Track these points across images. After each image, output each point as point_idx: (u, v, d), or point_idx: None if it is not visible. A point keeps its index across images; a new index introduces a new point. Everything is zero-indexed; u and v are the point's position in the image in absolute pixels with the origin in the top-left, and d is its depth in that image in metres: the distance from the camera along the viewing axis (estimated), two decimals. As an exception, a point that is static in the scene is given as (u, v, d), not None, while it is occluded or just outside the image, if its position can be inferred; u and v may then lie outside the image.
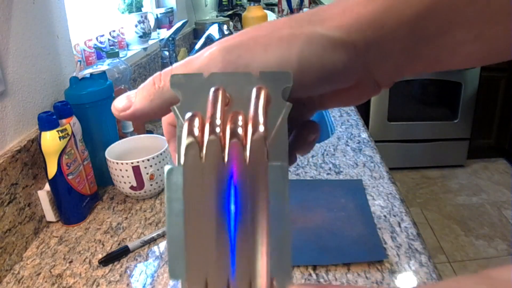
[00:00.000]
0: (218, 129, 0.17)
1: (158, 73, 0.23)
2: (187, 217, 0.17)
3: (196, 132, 0.17)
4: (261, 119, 0.18)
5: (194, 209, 0.17)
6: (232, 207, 0.17)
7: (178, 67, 0.22)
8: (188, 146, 0.17)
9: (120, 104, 0.24)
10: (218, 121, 0.18)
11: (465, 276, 0.16)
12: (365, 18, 0.21)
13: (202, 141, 0.17)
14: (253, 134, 0.17)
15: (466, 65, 0.24)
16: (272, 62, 0.21)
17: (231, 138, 0.17)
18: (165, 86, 0.22)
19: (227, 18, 2.37)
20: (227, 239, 0.17)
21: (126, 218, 0.80)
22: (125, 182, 0.82)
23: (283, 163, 0.18)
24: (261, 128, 0.17)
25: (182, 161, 0.17)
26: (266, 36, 0.21)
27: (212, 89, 0.19)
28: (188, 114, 0.18)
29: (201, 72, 0.20)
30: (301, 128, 0.26)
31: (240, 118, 0.18)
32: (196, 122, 0.18)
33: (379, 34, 0.22)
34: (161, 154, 0.83)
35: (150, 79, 0.23)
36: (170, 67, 0.22)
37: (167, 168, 0.18)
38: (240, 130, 0.17)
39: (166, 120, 0.25)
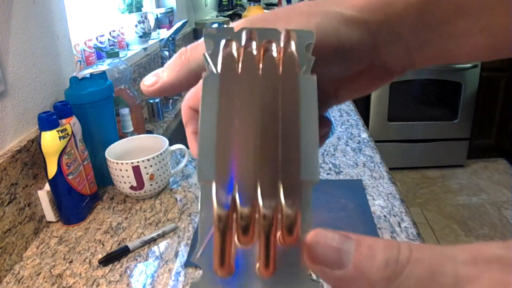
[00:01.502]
0: (254, 47, 0.18)
1: (184, 47, 0.24)
2: (220, 120, 0.17)
3: (234, 48, 0.18)
4: (292, 46, 0.19)
5: (228, 113, 0.17)
6: (266, 113, 0.17)
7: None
8: (225, 56, 0.18)
9: (149, 81, 0.25)
10: (253, 42, 0.19)
11: (493, 242, 0.16)
12: (376, 0, 0.23)
13: (239, 55, 0.18)
14: (285, 51, 0.18)
15: (473, 59, 0.25)
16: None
17: (265, 53, 0.18)
18: (191, 57, 0.23)
19: (227, 18, 2.37)
20: (258, 143, 0.17)
21: (126, 218, 0.80)
22: (125, 182, 0.82)
23: (314, 76, 0.18)
24: (292, 48, 0.18)
25: (219, 68, 0.18)
26: (287, 12, 0.24)
27: (244, 30, 0.20)
28: (224, 40, 0.19)
29: (231, 26, 0.21)
30: None
31: (274, 44, 0.19)
32: (233, 44, 0.19)
33: (388, 16, 0.23)
34: (161, 154, 0.83)
35: (177, 54, 0.24)
36: (196, 41, 0.24)
37: (205, 74, 0.18)
38: (274, 47, 0.18)
39: (186, 103, 0.26)
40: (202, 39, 0.23)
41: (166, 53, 1.43)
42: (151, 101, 1.28)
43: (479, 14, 0.23)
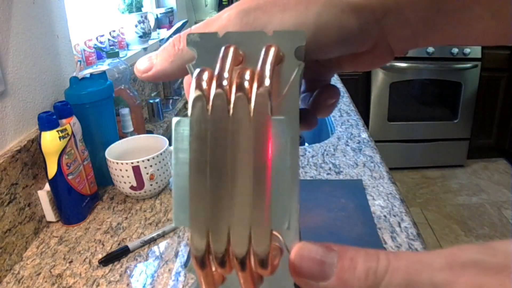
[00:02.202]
0: (225, 83, 0.18)
1: (178, 34, 0.23)
2: (192, 167, 0.17)
3: (204, 86, 0.18)
4: (267, 73, 0.18)
5: (199, 160, 0.18)
6: (236, 158, 0.17)
7: (197, 28, 0.23)
8: (195, 99, 0.18)
9: (142, 65, 0.24)
10: (225, 75, 0.18)
11: (469, 245, 0.17)
12: None
13: (209, 94, 0.18)
14: (258, 88, 0.18)
15: (480, 42, 0.25)
16: (289, 24, 0.21)
17: (236, 91, 0.18)
18: (184, 48, 0.22)
19: (227, 18, 2.36)
20: (229, 190, 0.17)
21: (126, 218, 0.80)
22: (125, 182, 0.82)
23: (288, 117, 0.18)
24: (267, 82, 0.18)
25: (189, 113, 0.18)
26: None
27: (224, 47, 0.19)
28: (197, 70, 0.18)
29: (215, 32, 0.20)
30: (321, 91, 0.27)
31: (248, 73, 0.18)
32: (205, 76, 0.18)
33: (397, 2, 0.22)
34: (161, 154, 0.83)
35: (170, 41, 0.23)
36: (189, 28, 0.23)
37: (175, 120, 0.18)
38: (246, 84, 0.18)
39: (188, 81, 0.26)
40: (195, 26, 0.23)
41: (166, 53, 1.43)
42: (151, 101, 1.28)
43: (492, 0, 0.22)
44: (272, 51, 0.19)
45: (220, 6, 3.13)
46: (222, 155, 0.17)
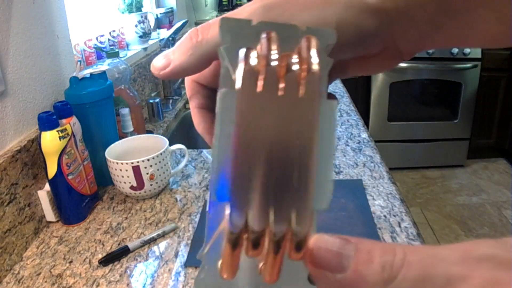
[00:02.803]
0: (274, 63, 0.17)
1: (194, 28, 0.23)
2: (236, 141, 0.17)
3: (253, 62, 0.17)
4: (315, 58, 0.18)
5: (244, 134, 0.17)
6: (283, 137, 0.17)
7: (217, 22, 0.22)
8: (245, 72, 0.17)
9: (159, 63, 0.23)
10: (275, 55, 0.18)
11: (484, 240, 0.17)
12: None
13: (259, 70, 0.17)
14: (308, 71, 0.17)
15: (485, 45, 0.25)
16: (312, 21, 0.21)
17: (286, 71, 0.17)
18: (203, 40, 0.22)
19: (227, 18, 2.36)
20: (273, 167, 0.17)
21: (126, 218, 0.80)
22: (125, 182, 0.82)
23: (335, 101, 0.18)
24: (316, 67, 0.17)
25: (237, 85, 0.17)
26: None
27: (265, 32, 0.19)
28: (244, 49, 0.18)
29: (250, 19, 0.20)
30: None
31: (295, 57, 0.18)
32: (254, 54, 0.18)
33: (409, 5, 0.23)
34: (161, 154, 0.83)
35: (186, 35, 0.23)
36: (207, 22, 0.23)
37: (222, 90, 0.18)
38: (296, 67, 0.17)
39: (190, 77, 0.26)
40: (212, 20, 0.22)
41: (166, 53, 1.43)
42: (151, 101, 1.28)
43: (497, 3, 0.23)
44: (314, 40, 0.19)
45: (220, 6, 3.13)
46: (268, 132, 0.17)
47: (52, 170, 0.74)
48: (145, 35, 1.46)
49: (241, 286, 0.19)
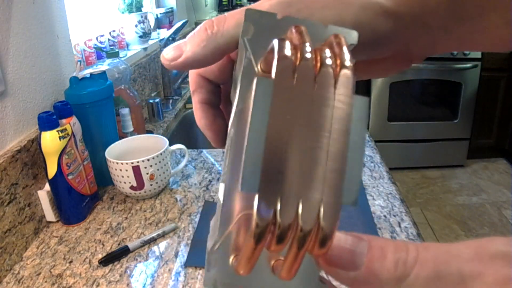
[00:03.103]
0: (308, 55, 0.17)
1: (209, 19, 0.22)
2: (269, 131, 0.17)
3: (289, 53, 0.17)
4: (347, 55, 0.18)
5: (277, 125, 0.17)
6: (316, 131, 0.17)
7: (233, 14, 0.22)
8: (282, 60, 0.17)
9: (170, 54, 0.23)
10: (308, 48, 0.17)
11: (497, 237, 0.17)
12: None
13: (294, 62, 0.17)
14: (341, 66, 0.17)
15: (494, 48, 0.26)
16: (329, 20, 0.21)
17: (321, 66, 0.17)
18: (218, 32, 0.21)
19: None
20: (305, 161, 0.17)
21: (126, 218, 0.80)
22: (125, 182, 0.82)
23: (366, 97, 0.18)
24: (349, 63, 0.17)
25: (273, 75, 0.17)
26: None
27: (294, 25, 0.18)
28: (277, 40, 0.18)
29: (275, 13, 0.20)
30: None
31: (328, 51, 0.18)
32: (288, 44, 0.17)
33: (424, 10, 0.23)
34: (161, 154, 0.83)
35: (201, 26, 0.22)
36: (224, 14, 0.22)
37: (257, 79, 0.17)
38: (330, 61, 0.17)
39: (195, 70, 0.25)
40: (229, 13, 0.22)
41: (166, 53, 1.43)
42: (151, 101, 1.28)
43: (507, 8, 0.23)
44: (343, 38, 0.18)
45: (220, 6, 3.13)
46: (302, 125, 0.17)
47: (52, 170, 0.74)
48: (145, 35, 1.46)
49: (254, 283, 0.18)
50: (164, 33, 1.70)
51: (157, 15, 1.82)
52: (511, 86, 2.61)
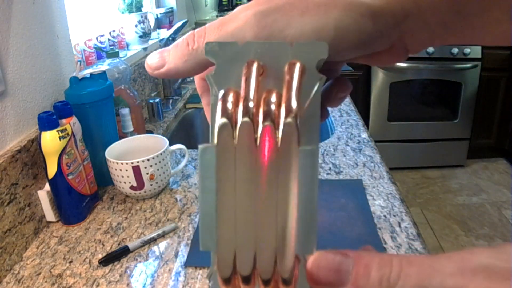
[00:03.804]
0: (251, 105, 0.18)
1: (191, 32, 0.22)
2: (219, 195, 0.18)
3: (230, 109, 0.18)
4: (294, 97, 0.18)
5: (225, 188, 0.18)
6: (263, 188, 0.18)
7: (211, 29, 0.22)
8: (221, 127, 0.18)
9: (154, 61, 0.23)
10: (251, 102, 0.18)
11: (481, 248, 0.17)
12: None
13: (236, 121, 0.18)
14: (285, 117, 0.17)
15: (495, 43, 0.25)
16: (309, 28, 0.20)
17: (263, 120, 0.18)
18: (198, 48, 0.22)
19: (227, 18, 2.36)
20: (256, 217, 0.18)
21: (126, 218, 0.80)
22: (125, 182, 0.82)
23: (314, 146, 0.18)
24: (294, 106, 0.18)
25: (215, 141, 0.18)
26: (303, 1, 0.21)
27: (246, 64, 0.19)
28: (221, 92, 0.18)
29: (235, 41, 0.20)
30: (334, 84, 0.26)
31: (274, 97, 0.18)
32: (230, 98, 0.18)
33: (418, 5, 0.22)
34: (161, 154, 0.83)
35: (183, 38, 0.22)
36: (203, 27, 0.22)
37: (201, 147, 0.18)
38: (273, 109, 0.18)
39: (199, 75, 0.26)
40: (208, 25, 0.22)
41: (166, 53, 1.43)
42: (151, 101, 1.28)
43: (510, 3, 0.23)
44: (297, 68, 0.18)
45: (220, 6, 3.13)
46: (249, 183, 0.18)
47: (52, 170, 0.74)
48: (145, 35, 1.46)
49: None
50: (164, 33, 1.70)
51: (157, 15, 1.82)
52: (511, 86, 2.61)
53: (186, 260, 0.67)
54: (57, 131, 0.72)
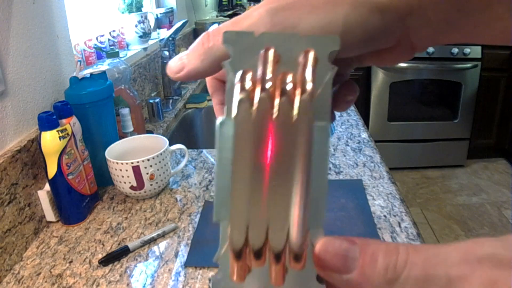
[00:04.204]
0: (268, 85, 0.18)
1: (206, 32, 0.23)
2: (235, 166, 0.18)
3: (248, 86, 0.18)
4: (309, 77, 0.18)
5: (242, 159, 0.18)
6: (279, 161, 0.18)
7: (226, 27, 0.23)
8: (240, 101, 0.18)
9: (174, 66, 0.24)
10: (268, 78, 0.19)
11: (486, 238, 0.17)
12: None
13: (253, 97, 0.18)
14: (301, 93, 0.18)
15: (498, 41, 0.25)
16: (318, 24, 0.22)
17: (280, 96, 0.18)
18: (214, 46, 0.23)
19: (227, 18, 2.37)
20: (271, 189, 0.18)
21: (126, 218, 0.80)
22: (125, 182, 0.82)
23: (327, 123, 0.19)
24: (309, 87, 0.18)
25: (233, 114, 0.18)
26: None
27: (263, 49, 0.20)
28: (240, 72, 0.19)
29: (252, 31, 0.21)
30: (341, 87, 0.27)
31: (290, 77, 0.19)
32: (248, 78, 0.19)
33: (422, 2, 0.23)
34: (161, 154, 0.83)
35: (198, 40, 0.23)
36: (218, 26, 0.23)
37: (219, 120, 0.19)
38: (289, 87, 0.18)
39: (211, 82, 0.26)
40: (223, 24, 0.23)
41: (166, 53, 1.43)
42: (151, 101, 1.28)
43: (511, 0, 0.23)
44: (311, 55, 0.19)
45: (220, 6, 3.13)
46: (265, 156, 0.18)
47: (52, 170, 0.74)
48: (145, 35, 1.46)
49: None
50: (164, 33, 1.70)
51: (157, 15, 1.82)
52: (511, 86, 2.61)
53: (186, 260, 0.67)
54: (57, 131, 0.72)
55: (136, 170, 0.80)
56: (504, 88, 2.63)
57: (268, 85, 0.18)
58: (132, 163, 0.80)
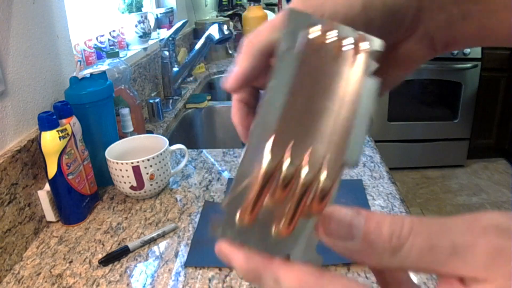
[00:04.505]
0: (334, 38, 0.21)
1: (246, 38, 0.25)
2: (292, 89, 0.19)
3: (317, 33, 0.21)
4: (367, 41, 0.21)
5: (298, 86, 0.19)
6: (328, 95, 0.20)
7: (264, 25, 0.25)
8: (309, 41, 0.20)
9: (228, 79, 0.26)
10: (334, 33, 0.21)
11: (490, 211, 0.18)
12: None
13: (321, 42, 0.21)
14: (361, 50, 0.21)
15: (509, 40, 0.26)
16: (340, 4, 0.24)
17: (342, 48, 0.21)
18: (255, 42, 0.25)
19: (227, 18, 2.37)
20: (316, 121, 0.19)
21: (126, 218, 0.80)
22: (125, 182, 0.82)
23: (378, 80, 0.21)
24: (367, 47, 0.21)
25: (296, 49, 0.20)
26: None
27: (318, 25, 0.21)
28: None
29: (311, 14, 0.23)
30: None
31: (351, 39, 0.21)
32: (318, 27, 0.21)
33: None
34: (161, 154, 0.83)
35: (241, 46, 0.25)
36: (257, 30, 0.25)
37: (281, 48, 0.21)
38: (351, 43, 0.21)
39: (236, 97, 0.28)
40: (262, 26, 0.25)
41: (166, 53, 1.43)
42: (151, 101, 1.28)
43: None
44: (362, 37, 0.21)
45: (220, 6, 3.13)
46: (318, 90, 0.19)
47: (52, 170, 0.74)
48: (145, 35, 1.46)
49: (252, 242, 0.20)
50: (164, 33, 1.70)
51: (157, 15, 1.82)
52: (511, 86, 2.61)
53: (186, 260, 0.67)
54: (57, 131, 0.72)
55: (136, 170, 0.80)
56: (504, 88, 2.63)
57: (334, 38, 0.20)
58: (132, 163, 0.80)
